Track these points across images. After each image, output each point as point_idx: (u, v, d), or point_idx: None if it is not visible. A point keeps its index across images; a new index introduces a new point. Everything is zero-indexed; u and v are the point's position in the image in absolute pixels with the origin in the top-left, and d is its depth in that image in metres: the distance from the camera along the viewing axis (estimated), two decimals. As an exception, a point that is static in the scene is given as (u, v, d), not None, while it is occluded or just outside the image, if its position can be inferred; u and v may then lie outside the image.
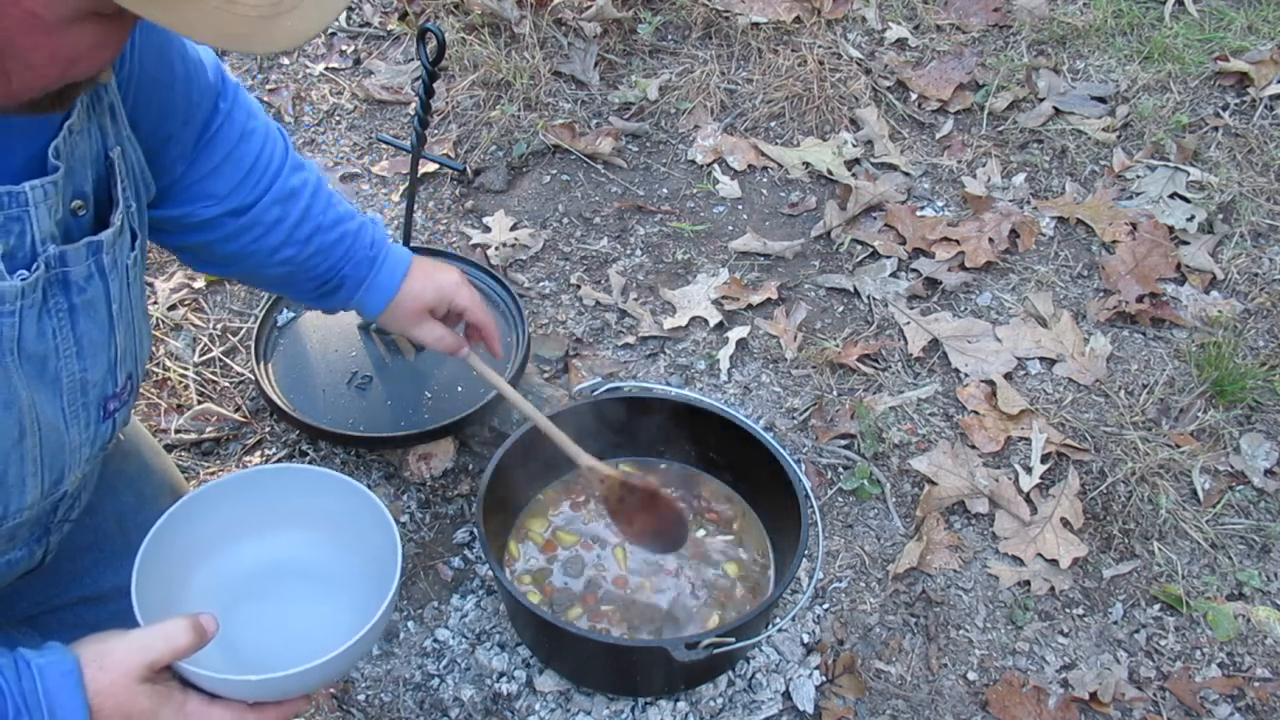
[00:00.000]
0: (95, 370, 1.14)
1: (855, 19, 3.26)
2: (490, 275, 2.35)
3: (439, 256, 2.41)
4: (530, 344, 2.22)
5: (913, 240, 2.69)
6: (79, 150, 1.07)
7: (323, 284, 1.55)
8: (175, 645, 1.09)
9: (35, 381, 1.07)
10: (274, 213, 1.44)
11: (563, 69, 3.07)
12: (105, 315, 1.14)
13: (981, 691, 1.94)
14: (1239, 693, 1.95)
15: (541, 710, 1.86)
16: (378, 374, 2.18)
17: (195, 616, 1.11)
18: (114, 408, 1.20)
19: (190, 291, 2.53)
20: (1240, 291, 2.62)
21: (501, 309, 2.31)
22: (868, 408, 2.33)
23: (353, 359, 2.21)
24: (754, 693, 1.89)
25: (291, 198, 1.45)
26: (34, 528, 1.26)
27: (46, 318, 1.06)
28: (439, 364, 2.20)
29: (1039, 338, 2.49)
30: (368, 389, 2.15)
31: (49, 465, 1.12)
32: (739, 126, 2.99)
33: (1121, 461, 2.25)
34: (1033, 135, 2.98)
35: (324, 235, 1.50)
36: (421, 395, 2.15)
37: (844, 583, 2.09)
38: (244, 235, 1.43)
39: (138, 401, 2.26)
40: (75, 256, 1.07)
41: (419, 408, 2.12)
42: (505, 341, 2.20)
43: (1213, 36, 3.23)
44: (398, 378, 2.18)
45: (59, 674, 1.04)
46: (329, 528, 1.40)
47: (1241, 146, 2.93)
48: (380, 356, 2.21)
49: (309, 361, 2.20)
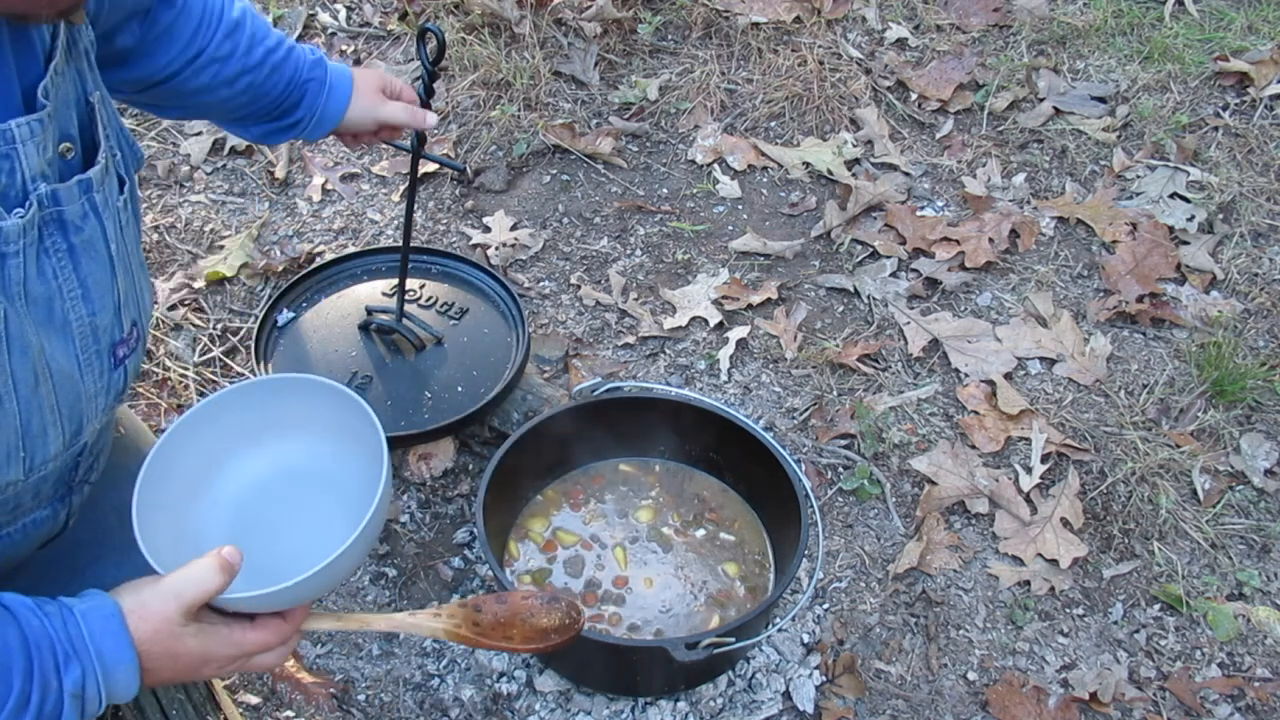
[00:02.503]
0: (103, 315, 1.15)
1: (855, 19, 3.26)
2: (490, 275, 2.35)
3: (440, 257, 2.41)
4: (530, 344, 2.22)
5: (913, 240, 2.69)
6: (62, 92, 1.08)
7: (283, 101, 1.65)
8: (206, 588, 1.11)
9: (45, 328, 1.08)
10: (225, 47, 1.53)
11: (563, 69, 3.07)
12: (105, 255, 1.15)
13: (981, 691, 1.94)
14: (1239, 693, 1.95)
15: (541, 710, 1.86)
16: (378, 374, 2.17)
17: (219, 553, 1.12)
18: (123, 354, 1.22)
19: (190, 291, 2.53)
20: (1240, 291, 2.62)
21: (501, 309, 2.30)
22: (868, 408, 2.33)
23: (353, 359, 2.20)
24: (754, 693, 1.89)
25: (237, 28, 1.55)
26: (57, 485, 1.27)
27: (45, 258, 1.07)
28: (439, 364, 2.19)
29: (1039, 338, 2.49)
30: (368, 389, 2.14)
31: (68, 415, 1.13)
32: (739, 126, 2.99)
33: (1121, 461, 2.25)
34: (1033, 135, 2.98)
35: (273, 55, 1.60)
36: (421, 395, 2.13)
37: (844, 583, 2.09)
38: (203, 74, 1.53)
39: (138, 402, 2.26)
40: (68, 195, 1.08)
41: (419, 408, 2.11)
42: (505, 341, 2.23)
43: (1213, 36, 3.23)
44: (397, 378, 2.17)
45: (101, 617, 1.07)
46: (324, 431, 1.41)
47: (1241, 146, 2.93)
48: (380, 356, 2.20)
49: (309, 361, 2.20)
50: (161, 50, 1.48)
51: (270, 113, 1.67)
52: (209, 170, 2.86)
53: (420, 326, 2.22)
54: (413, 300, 2.30)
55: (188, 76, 1.52)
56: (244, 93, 1.60)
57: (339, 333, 2.26)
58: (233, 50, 1.55)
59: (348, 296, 2.34)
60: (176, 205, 2.76)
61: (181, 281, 2.55)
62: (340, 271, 2.38)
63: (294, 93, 1.65)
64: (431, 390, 2.15)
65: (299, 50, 1.66)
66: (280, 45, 1.62)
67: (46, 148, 1.05)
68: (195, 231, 2.70)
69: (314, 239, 2.69)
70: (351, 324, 2.27)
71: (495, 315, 2.29)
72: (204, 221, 2.73)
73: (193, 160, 2.86)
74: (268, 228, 2.72)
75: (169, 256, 2.63)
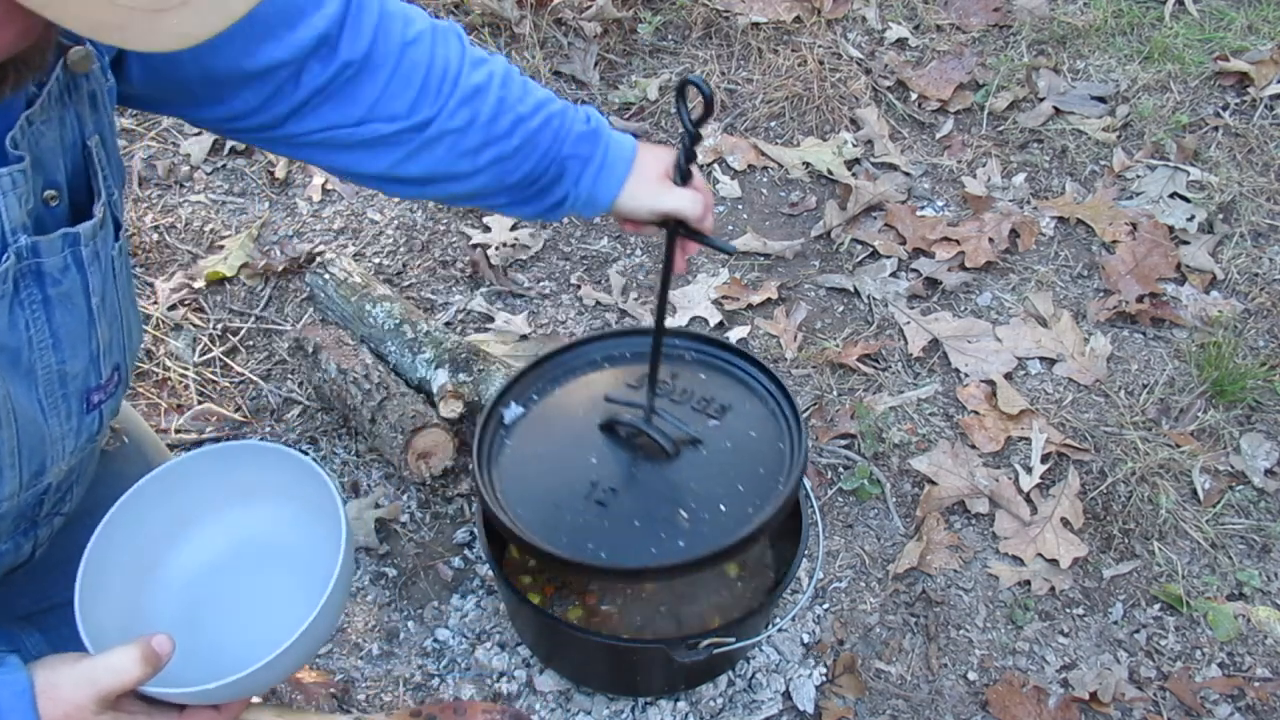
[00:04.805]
0: (75, 362, 1.12)
1: (855, 19, 3.26)
2: (756, 365, 1.92)
3: (695, 342, 2.04)
4: (808, 452, 1.81)
5: (913, 240, 2.69)
6: (46, 140, 1.03)
7: (537, 179, 1.41)
8: (123, 679, 1.05)
9: (9, 372, 1.05)
10: (462, 116, 1.32)
11: (563, 69, 3.07)
12: (84, 307, 1.11)
13: (981, 691, 1.94)
14: (1239, 693, 1.95)
15: (541, 710, 1.86)
16: (623, 485, 1.77)
17: (148, 642, 1.06)
18: (98, 400, 1.18)
19: (190, 291, 2.53)
20: (1240, 291, 2.62)
21: (770, 406, 1.87)
22: (868, 408, 2.33)
23: (593, 466, 1.79)
24: (754, 693, 1.89)
25: (477, 94, 1.32)
26: (19, 520, 1.24)
27: (19, 309, 1.04)
28: (696, 473, 1.77)
29: (1039, 338, 2.49)
30: (610, 504, 1.74)
31: (28, 457, 1.10)
32: (739, 126, 2.99)
33: (1121, 461, 2.25)
34: (1033, 135, 2.98)
35: (527, 124, 1.35)
36: (676, 514, 1.73)
37: (844, 583, 2.09)
38: (436, 147, 1.33)
39: (138, 402, 2.26)
40: (49, 248, 1.04)
41: (673, 530, 1.70)
42: (776, 447, 1.78)
43: (1213, 36, 3.23)
44: (647, 491, 1.77)
45: (12, 694, 1.02)
46: (286, 501, 1.34)
47: (1241, 146, 2.93)
48: (626, 463, 1.80)
49: (540, 468, 1.82)
50: (330, 109, 1.28)
51: (521, 191, 1.43)
52: (209, 170, 2.86)
53: (674, 425, 1.80)
54: (664, 393, 1.87)
55: (412, 150, 1.33)
56: (488, 168, 1.37)
57: (576, 433, 1.86)
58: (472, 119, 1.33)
59: (585, 387, 1.93)
60: (176, 205, 2.76)
61: (181, 281, 2.55)
62: (577, 357, 1.97)
63: (550, 169, 1.40)
64: (688, 508, 1.74)
65: (567, 118, 1.40)
66: (537, 111, 1.37)
67: (28, 198, 1.01)
68: (195, 231, 2.70)
69: (314, 239, 2.69)
70: (591, 422, 1.86)
71: (763, 413, 1.86)
72: (204, 221, 2.73)
73: (193, 160, 2.86)
74: (268, 227, 2.72)
75: (169, 256, 2.63)
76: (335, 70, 1.24)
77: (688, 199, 1.41)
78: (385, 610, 2.02)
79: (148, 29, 0.74)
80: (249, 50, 1.18)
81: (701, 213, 1.42)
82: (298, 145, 1.31)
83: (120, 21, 0.73)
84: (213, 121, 1.27)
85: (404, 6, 1.32)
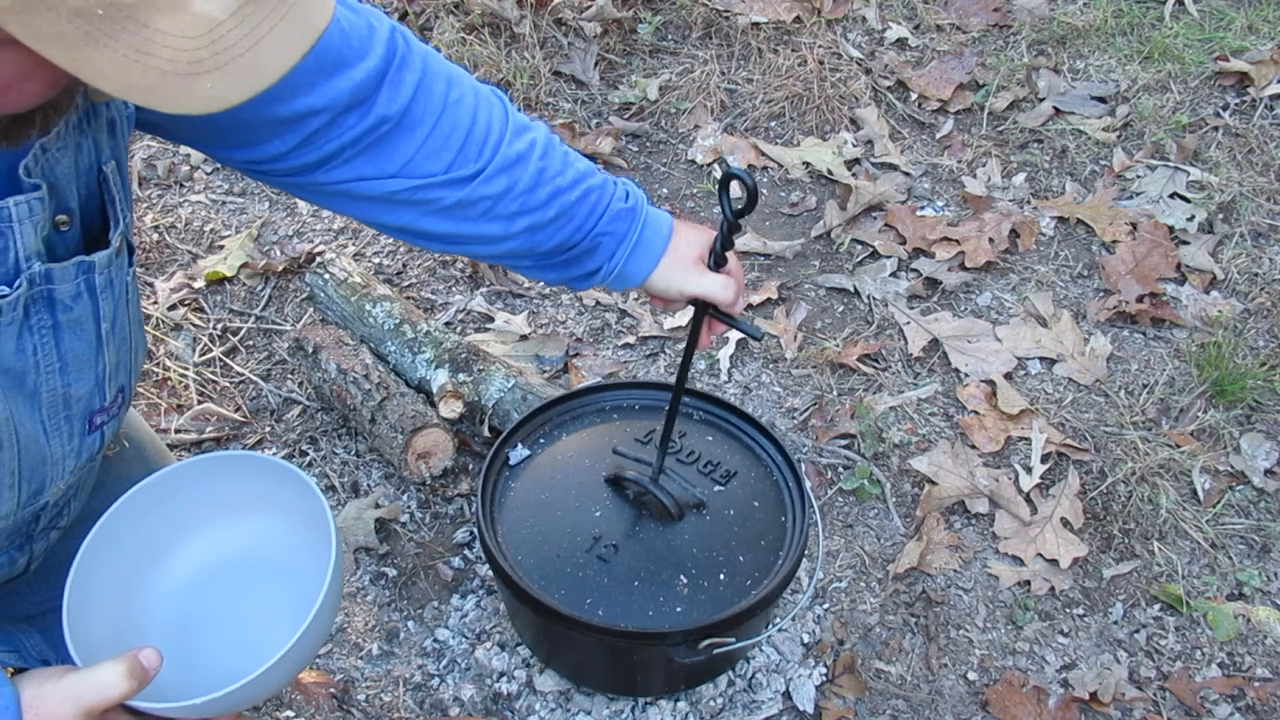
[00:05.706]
0: (80, 385, 1.11)
1: (855, 19, 3.26)
2: (764, 434, 1.92)
3: (704, 401, 2.04)
4: (807, 533, 1.80)
5: (913, 240, 2.69)
6: (60, 167, 1.02)
7: (569, 249, 1.40)
8: (108, 694, 1.03)
9: (13, 394, 1.05)
10: (500, 183, 1.31)
11: (563, 69, 3.07)
12: (93, 333, 1.11)
13: (981, 691, 1.94)
14: (1239, 693, 1.95)
15: (541, 710, 1.86)
16: (624, 542, 1.75)
17: (135, 656, 1.04)
18: (101, 421, 1.18)
19: (190, 291, 2.53)
20: (1240, 291, 2.62)
21: (774, 478, 1.87)
22: (868, 408, 2.33)
23: (596, 519, 1.77)
24: (754, 693, 1.89)
25: (518, 162, 1.31)
26: (14, 536, 1.23)
27: (28, 334, 1.03)
28: (699, 539, 1.75)
29: (1039, 338, 2.49)
30: (611, 561, 1.72)
31: (27, 477, 1.10)
32: (739, 126, 2.99)
33: (1121, 461, 2.25)
34: (1033, 135, 2.98)
35: (565, 196, 1.35)
36: (675, 579, 1.70)
37: (844, 583, 2.09)
38: (469, 210, 1.32)
39: (138, 402, 2.26)
40: (62, 275, 1.04)
41: (671, 595, 1.68)
42: (778, 521, 1.80)
43: (1213, 36, 3.23)
44: (648, 551, 1.74)
45: None
46: (277, 512, 1.33)
47: (1241, 146, 2.93)
48: (629, 520, 1.77)
49: (542, 514, 1.80)
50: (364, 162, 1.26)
51: (550, 258, 1.41)
52: (209, 170, 2.86)
53: (680, 487, 1.79)
54: (671, 451, 1.85)
55: (445, 208, 1.32)
56: (522, 235, 1.36)
57: (580, 482, 1.84)
58: (510, 186, 1.31)
59: (593, 436, 1.92)
60: (176, 205, 2.76)
61: (181, 281, 2.55)
62: (587, 405, 1.97)
63: (584, 241, 1.39)
64: (689, 574, 1.72)
65: (606, 193, 1.39)
66: (577, 184, 1.36)
67: (43, 225, 1.01)
68: (195, 231, 2.70)
69: (314, 239, 2.69)
70: (597, 473, 1.85)
71: (768, 485, 1.84)
72: (204, 221, 2.73)
73: (193, 160, 2.86)
74: (268, 227, 2.72)
75: (169, 256, 2.63)
76: (372, 124, 1.21)
77: (719, 284, 1.42)
78: (385, 610, 2.02)
79: (180, 92, 0.74)
80: (283, 96, 1.15)
81: (733, 299, 1.43)
82: (326, 194, 1.29)
83: (152, 84, 0.73)
84: (240, 163, 1.25)
85: (449, 67, 1.30)
